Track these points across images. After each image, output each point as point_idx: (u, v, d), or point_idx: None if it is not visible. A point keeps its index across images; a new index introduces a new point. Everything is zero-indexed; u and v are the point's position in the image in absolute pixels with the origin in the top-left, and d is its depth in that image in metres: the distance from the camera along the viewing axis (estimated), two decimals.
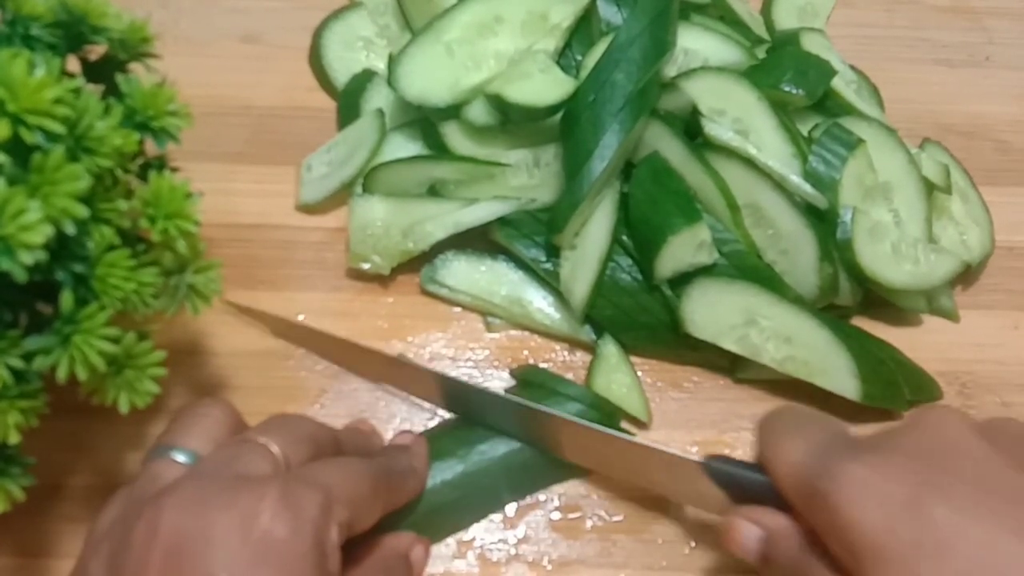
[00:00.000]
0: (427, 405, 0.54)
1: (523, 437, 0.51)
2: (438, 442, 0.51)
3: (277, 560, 0.35)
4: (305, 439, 0.43)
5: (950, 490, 0.35)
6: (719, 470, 0.44)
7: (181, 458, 0.41)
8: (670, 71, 0.58)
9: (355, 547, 0.43)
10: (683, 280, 0.53)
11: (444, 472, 0.50)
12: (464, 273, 0.57)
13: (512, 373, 0.55)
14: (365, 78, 0.63)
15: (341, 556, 0.39)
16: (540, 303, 0.56)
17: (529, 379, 0.54)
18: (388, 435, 0.52)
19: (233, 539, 0.35)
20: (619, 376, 0.54)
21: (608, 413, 0.53)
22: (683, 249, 0.52)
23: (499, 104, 0.55)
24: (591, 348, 0.56)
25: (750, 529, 0.41)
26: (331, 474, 0.41)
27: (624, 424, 0.54)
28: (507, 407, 0.50)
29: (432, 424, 0.53)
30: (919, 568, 0.34)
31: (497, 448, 0.51)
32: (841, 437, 0.40)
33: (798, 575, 0.39)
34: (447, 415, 0.54)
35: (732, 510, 0.43)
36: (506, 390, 0.54)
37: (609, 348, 0.55)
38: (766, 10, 0.69)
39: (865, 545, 0.35)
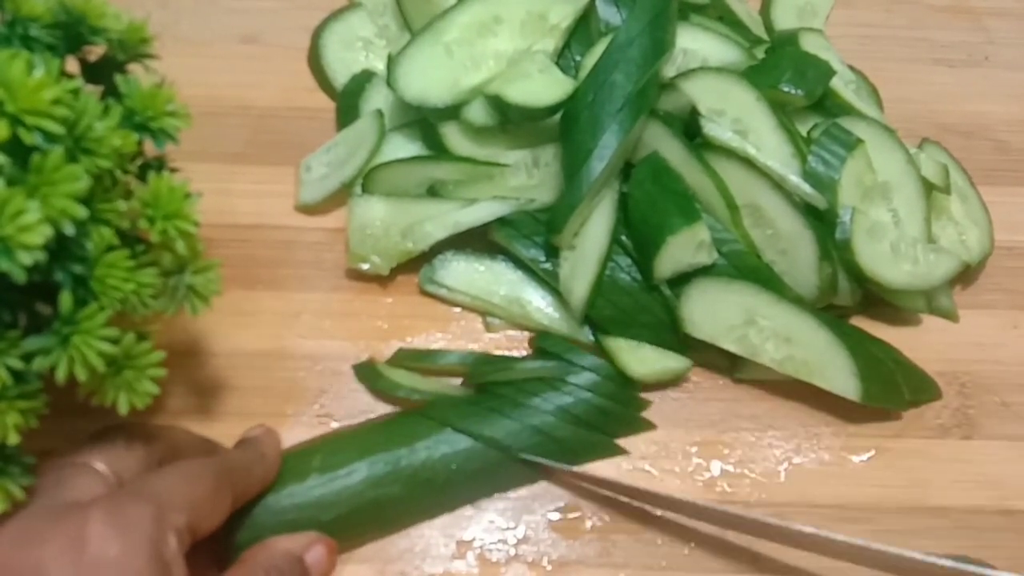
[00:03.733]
0: None
1: None
2: (369, 437, 0.51)
3: None
4: (132, 449, 0.43)
5: None
6: None
7: None
8: (669, 71, 0.58)
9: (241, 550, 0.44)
10: (682, 280, 0.53)
11: (374, 468, 0.49)
12: (463, 273, 0.57)
13: (530, 341, 0.56)
14: (364, 79, 0.63)
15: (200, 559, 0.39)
16: (539, 303, 0.56)
17: (546, 347, 0.54)
18: None
19: (63, 569, 0.35)
20: (643, 350, 0.54)
21: (622, 383, 0.53)
22: (682, 249, 0.52)
23: (498, 104, 0.55)
24: (590, 348, 0.56)
25: None
26: (163, 481, 0.40)
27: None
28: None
29: None
30: None
31: (439, 447, 0.50)
32: None
33: None
34: None
35: None
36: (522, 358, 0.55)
37: (616, 339, 0.54)
38: (765, 10, 0.69)
39: None
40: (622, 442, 0.53)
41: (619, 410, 0.53)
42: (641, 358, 0.54)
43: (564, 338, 0.55)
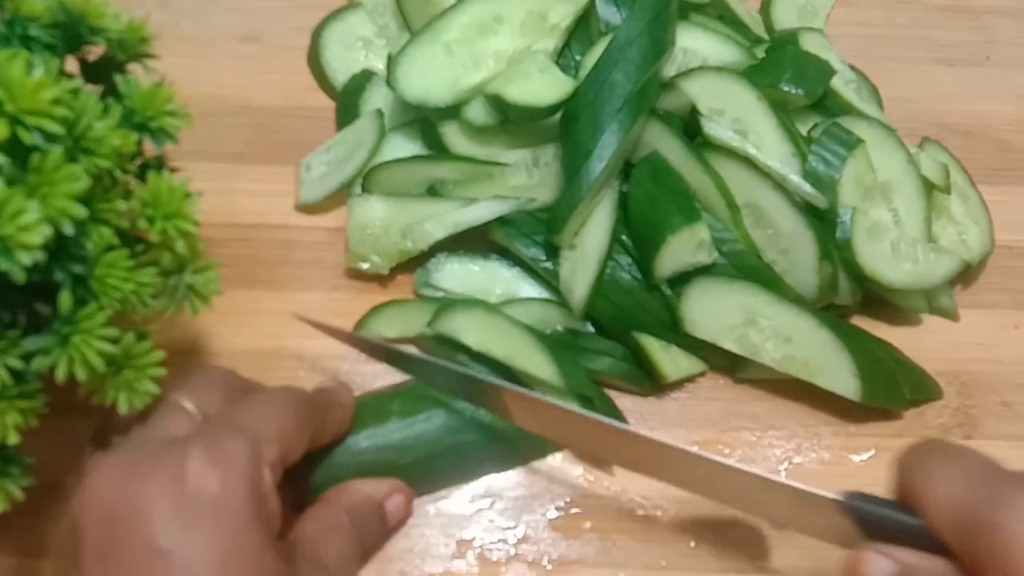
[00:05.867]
0: None
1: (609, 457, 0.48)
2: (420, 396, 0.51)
3: (213, 516, 0.36)
4: (218, 387, 0.44)
5: None
6: (862, 510, 0.39)
7: None
8: (669, 71, 0.58)
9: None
10: (683, 280, 0.53)
11: (433, 420, 0.50)
12: (458, 275, 0.57)
13: None
14: (364, 78, 0.63)
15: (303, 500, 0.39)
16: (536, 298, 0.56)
17: (555, 340, 0.54)
18: None
19: (165, 505, 0.36)
20: (672, 352, 0.54)
21: (640, 363, 0.54)
22: (682, 249, 0.52)
23: (498, 104, 0.55)
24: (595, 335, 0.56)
25: (882, 563, 0.37)
26: (254, 413, 0.41)
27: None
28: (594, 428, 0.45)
29: None
30: None
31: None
32: (1000, 468, 0.37)
33: None
34: None
35: (865, 544, 0.38)
36: None
37: (647, 340, 0.54)
38: (765, 9, 0.69)
39: None
40: None
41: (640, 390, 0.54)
42: (675, 360, 0.54)
43: (569, 329, 0.55)
